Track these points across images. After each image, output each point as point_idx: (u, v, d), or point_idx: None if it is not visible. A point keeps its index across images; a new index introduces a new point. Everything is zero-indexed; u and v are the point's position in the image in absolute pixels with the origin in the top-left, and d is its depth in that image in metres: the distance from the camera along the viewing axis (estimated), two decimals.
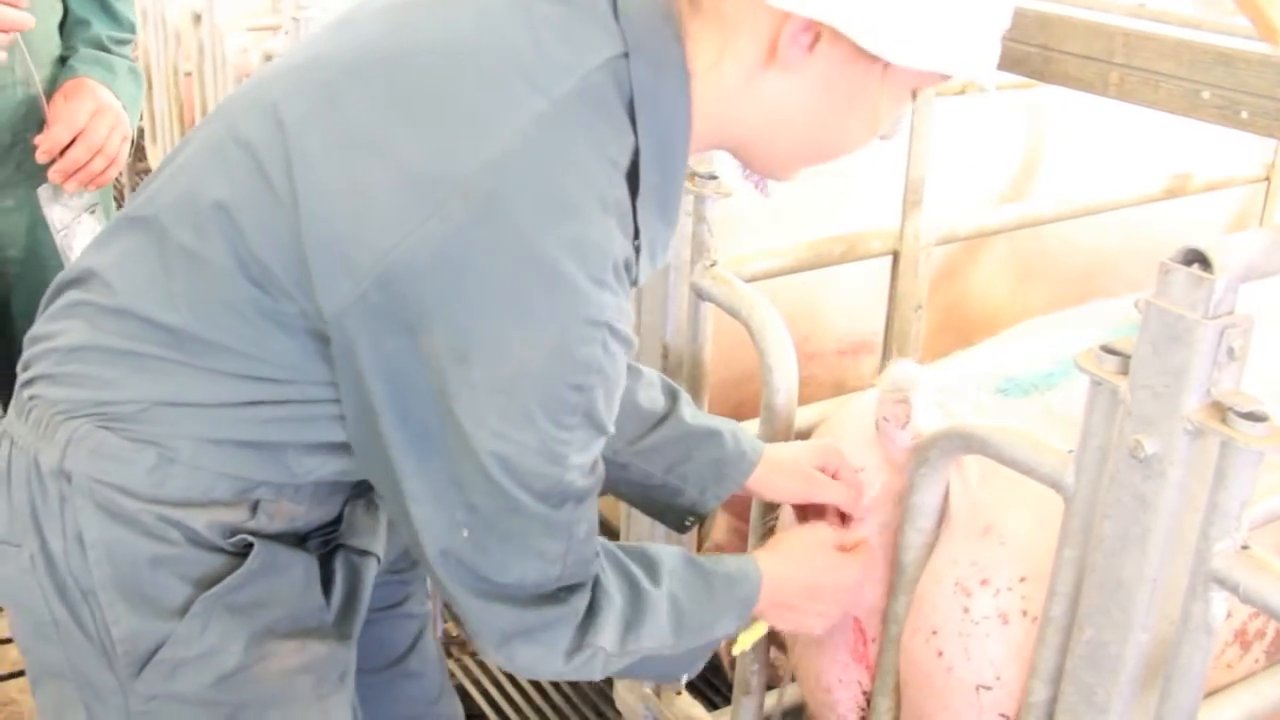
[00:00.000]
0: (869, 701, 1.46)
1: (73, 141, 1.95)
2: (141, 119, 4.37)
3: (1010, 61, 1.43)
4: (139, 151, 4.24)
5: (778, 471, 1.42)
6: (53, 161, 1.95)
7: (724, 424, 1.43)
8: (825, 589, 1.36)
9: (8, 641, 2.48)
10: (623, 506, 2.16)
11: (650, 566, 1.24)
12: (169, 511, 1.13)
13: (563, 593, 1.14)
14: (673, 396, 1.44)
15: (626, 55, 1.07)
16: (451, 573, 1.11)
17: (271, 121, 1.08)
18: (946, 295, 2.22)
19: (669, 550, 1.28)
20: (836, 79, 1.10)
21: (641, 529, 1.73)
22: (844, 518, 1.43)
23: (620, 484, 1.44)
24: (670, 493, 1.43)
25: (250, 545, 1.16)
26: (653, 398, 1.43)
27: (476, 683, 2.48)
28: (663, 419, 1.41)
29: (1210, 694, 1.28)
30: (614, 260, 1.04)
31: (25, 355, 1.19)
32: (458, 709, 1.67)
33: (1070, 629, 1.18)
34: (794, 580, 1.34)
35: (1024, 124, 2.43)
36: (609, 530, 2.98)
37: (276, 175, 1.05)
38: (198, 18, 3.46)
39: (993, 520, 1.31)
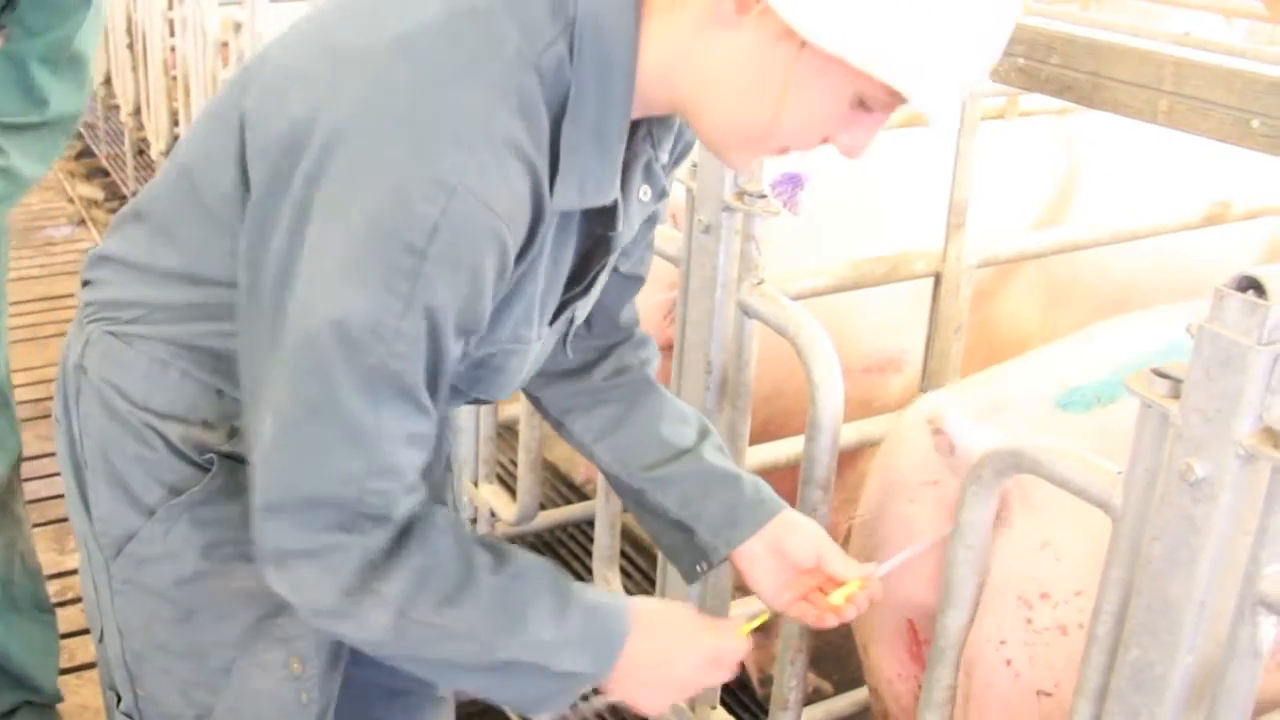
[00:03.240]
0: None
1: None
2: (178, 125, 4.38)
3: (1059, 87, 1.45)
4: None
5: (792, 531, 1.35)
6: None
7: (748, 474, 1.40)
8: (684, 666, 1.27)
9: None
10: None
11: (500, 556, 1.19)
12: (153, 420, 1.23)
13: (362, 521, 1.10)
14: (702, 435, 1.42)
15: None
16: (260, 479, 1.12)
17: None
18: (976, 317, 2.23)
19: (536, 560, 1.21)
20: (764, 49, 1.07)
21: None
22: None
23: (637, 513, 1.43)
24: (682, 531, 1.39)
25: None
26: (679, 431, 1.41)
27: None
28: (683, 452, 1.39)
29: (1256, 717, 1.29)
30: (492, 131, 1.03)
31: None
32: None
33: (1115, 648, 1.19)
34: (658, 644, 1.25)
35: (1059, 150, 2.44)
36: (641, 569, 2.97)
37: None
38: (238, 26, 3.51)
39: (1050, 536, 1.33)
